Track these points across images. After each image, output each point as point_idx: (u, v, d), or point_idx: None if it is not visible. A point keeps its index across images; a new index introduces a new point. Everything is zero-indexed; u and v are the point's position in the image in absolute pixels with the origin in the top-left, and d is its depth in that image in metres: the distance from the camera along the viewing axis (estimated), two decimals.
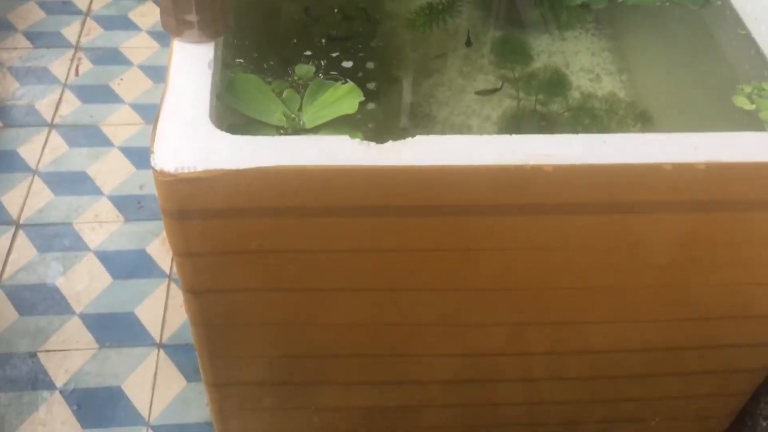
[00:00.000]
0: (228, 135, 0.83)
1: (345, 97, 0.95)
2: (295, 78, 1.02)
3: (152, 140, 0.81)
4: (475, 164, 0.82)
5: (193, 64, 0.92)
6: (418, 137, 0.85)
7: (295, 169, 0.80)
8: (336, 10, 1.20)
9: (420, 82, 1.12)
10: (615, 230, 0.88)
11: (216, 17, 0.93)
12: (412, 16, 1.20)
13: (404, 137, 0.85)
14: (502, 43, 1.20)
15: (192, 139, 0.81)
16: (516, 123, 1.07)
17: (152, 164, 0.79)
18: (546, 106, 1.09)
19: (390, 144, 0.84)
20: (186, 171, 0.78)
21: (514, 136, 0.86)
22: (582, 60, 1.15)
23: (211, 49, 0.93)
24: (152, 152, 0.80)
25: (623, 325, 1.02)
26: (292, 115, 0.95)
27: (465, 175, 0.82)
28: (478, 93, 1.11)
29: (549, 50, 1.17)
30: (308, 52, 1.09)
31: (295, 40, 1.12)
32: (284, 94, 0.98)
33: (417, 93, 1.10)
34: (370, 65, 1.10)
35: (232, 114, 0.95)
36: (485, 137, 0.87)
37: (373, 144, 0.83)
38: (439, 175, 0.82)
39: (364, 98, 0.96)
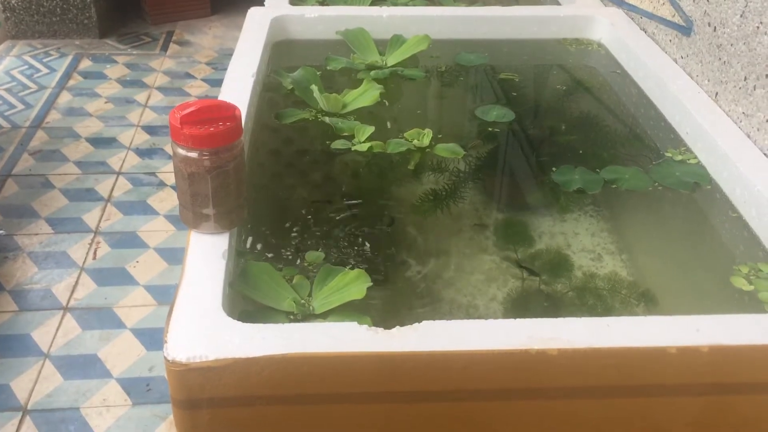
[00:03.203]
0: (239, 323, 0.85)
1: (353, 283, 0.98)
2: (305, 264, 1.06)
3: (166, 330, 0.84)
4: (481, 349, 0.83)
5: (208, 255, 0.96)
6: (424, 322, 0.87)
7: (304, 356, 0.81)
8: (343, 196, 1.27)
9: (426, 264, 1.15)
10: (623, 414, 0.87)
11: (231, 211, 0.99)
12: (417, 202, 1.26)
13: (411, 320, 0.87)
14: (505, 225, 1.25)
15: (204, 329, 0.84)
16: (521, 303, 1.09)
17: (165, 354, 0.80)
18: (550, 286, 1.11)
19: (397, 330, 0.86)
20: (197, 360, 0.79)
21: (518, 320, 0.88)
22: (582, 240, 1.19)
23: (226, 239, 0.98)
24: (165, 342, 0.82)
25: None
26: (302, 301, 0.98)
27: (471, 360, 0.83)
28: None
29: (550, 231, 1.21)
30: (318, 238, 1.13)
31: (304, 227, 1.17)
32: (294, 280, 1.02)
33: (424, 274, 1.14)
34: (377, 248, 1.14)
35: (245, 300, 0.98)
36: (490, 321, 0.89)
37: (380, 330, 0.85)
38: (445, 360, 0.83)
39: (372, 283, 0.99)
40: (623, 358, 0.83)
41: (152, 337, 1.68)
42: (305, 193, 1.28)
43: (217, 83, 2.75)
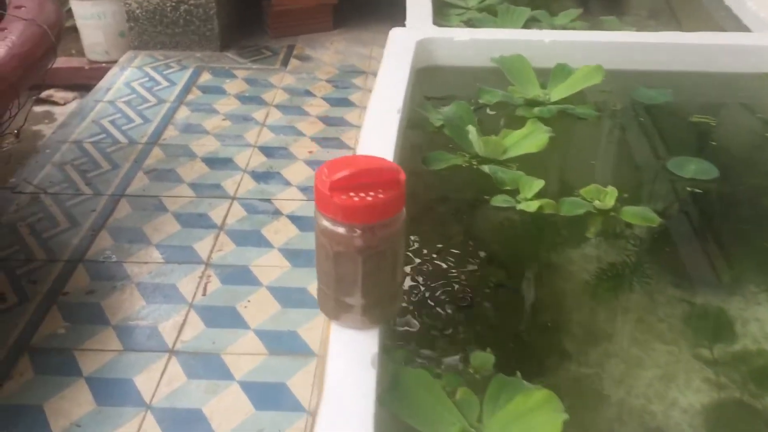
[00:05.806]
0: None
1: (541, 410, 0.74)
2: (470, 369, 0.83)
3: None
4: None
5: (352, 357, 0.75)
6: None
7: None
8: (512, 274, 1.03)
9: (586, 351, 0.91)
10: None
11: (382, 301, 0.77)
12: (593, 280, 1.02)
13: None
14: (693, 308, 0.99)
15: None
16: (716, 417, 0.84)
17: None
18: (761, 400, 0.85)
19: None
20: None
21: None
22: None
23: (376, 338, 0.77)
24: None
25: None
26: (472, 430, 0.75)
27: None
28: None
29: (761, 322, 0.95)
30: (483, 332, 0.90)
31: (465, 315, 0.94)
32: (458, 395, 0.78)
33: (584, 364, 0.89)
34: (561, 348, 0.90)
35: (396, 420, 0.76)
36: None
37: None
38: None
39: (567, 415, 0.74)
40: None
41: (261, 394, 1.51)
42: (464, 264, 1.03)
43: (336, 102, 2.58)
